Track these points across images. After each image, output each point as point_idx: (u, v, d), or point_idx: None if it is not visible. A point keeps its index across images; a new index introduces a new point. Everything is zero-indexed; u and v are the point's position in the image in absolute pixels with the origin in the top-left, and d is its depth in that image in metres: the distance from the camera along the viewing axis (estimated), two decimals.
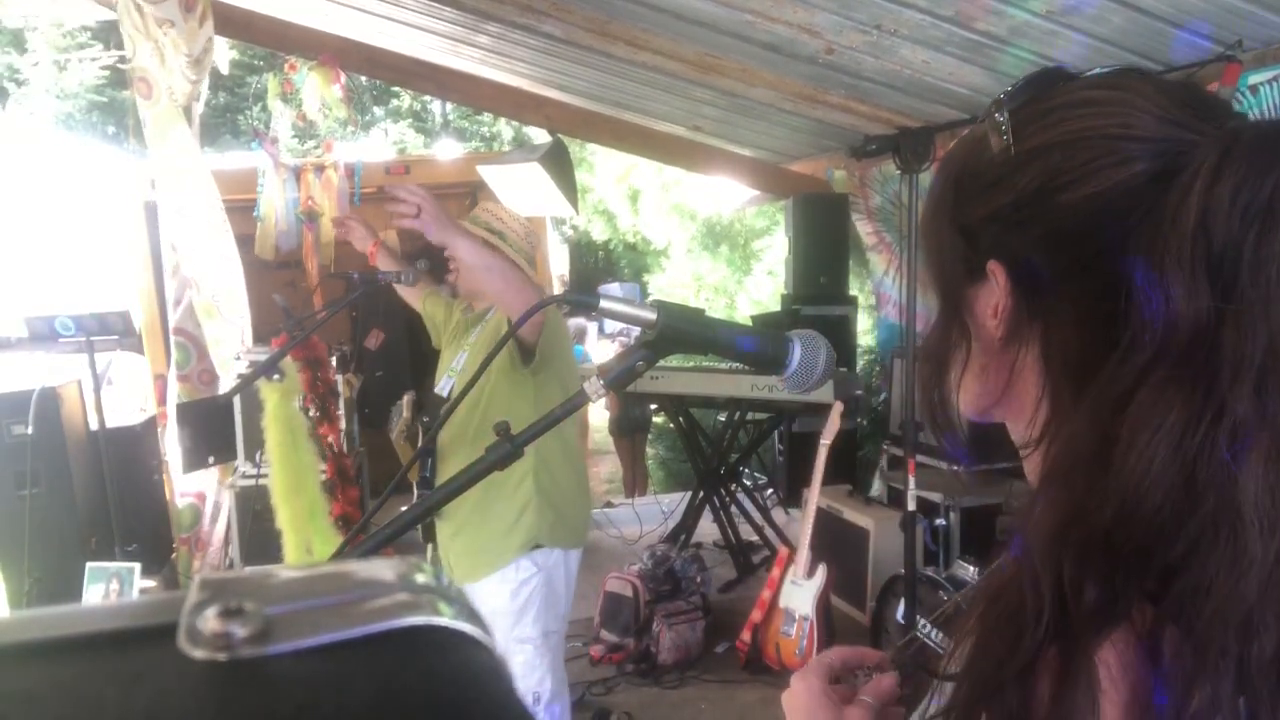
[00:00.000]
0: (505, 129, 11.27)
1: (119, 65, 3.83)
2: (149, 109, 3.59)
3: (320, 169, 4.85)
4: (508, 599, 2.46)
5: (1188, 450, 0.49)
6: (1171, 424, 0.50)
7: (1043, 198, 0.59)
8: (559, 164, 4.92)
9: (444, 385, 2.60)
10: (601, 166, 9.11)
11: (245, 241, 6.24)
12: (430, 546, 2.63)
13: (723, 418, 5.23)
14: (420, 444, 2.12)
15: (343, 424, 4.22)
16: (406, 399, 2.77)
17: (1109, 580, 0.50)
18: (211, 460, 3.79)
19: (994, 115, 0.62)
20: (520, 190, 4.94)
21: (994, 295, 0.62)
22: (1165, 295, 0.51)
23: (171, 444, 4.03)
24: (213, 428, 3.76)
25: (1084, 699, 0.49)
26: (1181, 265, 0.50)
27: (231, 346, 3.78)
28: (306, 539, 2.56)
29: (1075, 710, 0.49)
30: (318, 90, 4.45)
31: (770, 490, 5.90)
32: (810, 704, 0.74)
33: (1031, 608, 0.51)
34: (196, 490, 3.98)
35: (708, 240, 8.80)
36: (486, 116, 12.07)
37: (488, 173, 5.16)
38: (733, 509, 5.07)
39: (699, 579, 4.33)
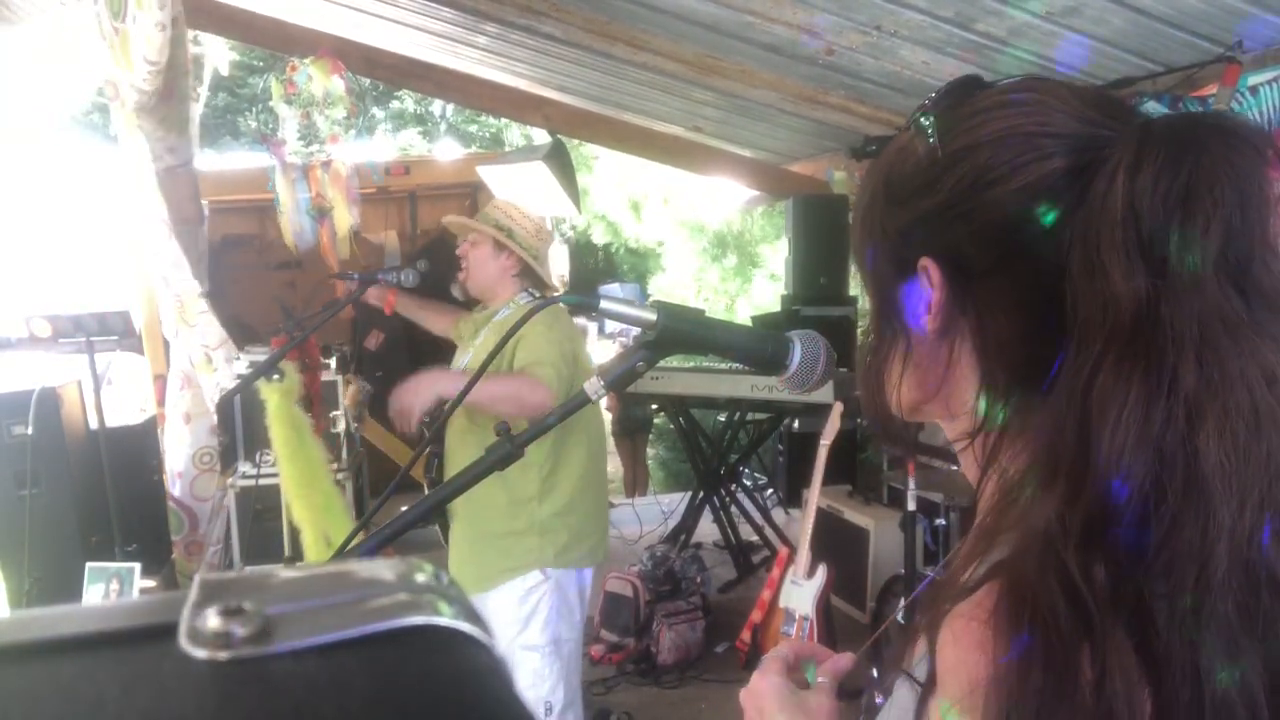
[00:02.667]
0: (516, 136, 11.25)
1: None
2: (115, 110, 3.62)
3: (327, 164, 4.85)
4: (514, 605, 2.41)
5: (1152, 425, 0.52)
6: (1133, 403, 0.53)
7: (971, 194, 0.62)
8: (560, 164, 4.92)
9: None
10: (602, 173, 9.08)
11: (246, 241, 6.25)
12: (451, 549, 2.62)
13: (723, 418, 5.23)
14: (420, 444, 2.13)
15: (341, 425, 4.22)
16: (350, 389, 2.76)
17: (1114, 562, 0.52)
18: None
19: (919, 120, 0.65)
20: (521, 191, 4.94)
21: (924, 293, 0.65)
22: (1105, 278, 0.54)
23: (172, 446, 4.03)
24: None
25: (1125, 686, 0.50)
26: (1115, 249, 0.54)
27: (198, 353, 3.79)
28: (324, 532, 2.54)
29: (1119, 699, 0.50)
30: (320, 82, 4.45)
31: (770, 490, 5.90)
32: (776, 699, 0.76)
33: (1064, 603, 0.52)
34: (174, 494, 3.98)
35: (716, 250, 8.76)
36: (493, 119, 12.06)
37: (487, 174, 5.17)
38: (733, 509, 5.07)
39: (699, 579, 4.33)
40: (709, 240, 8.79)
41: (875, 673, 3.09)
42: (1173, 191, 0.53)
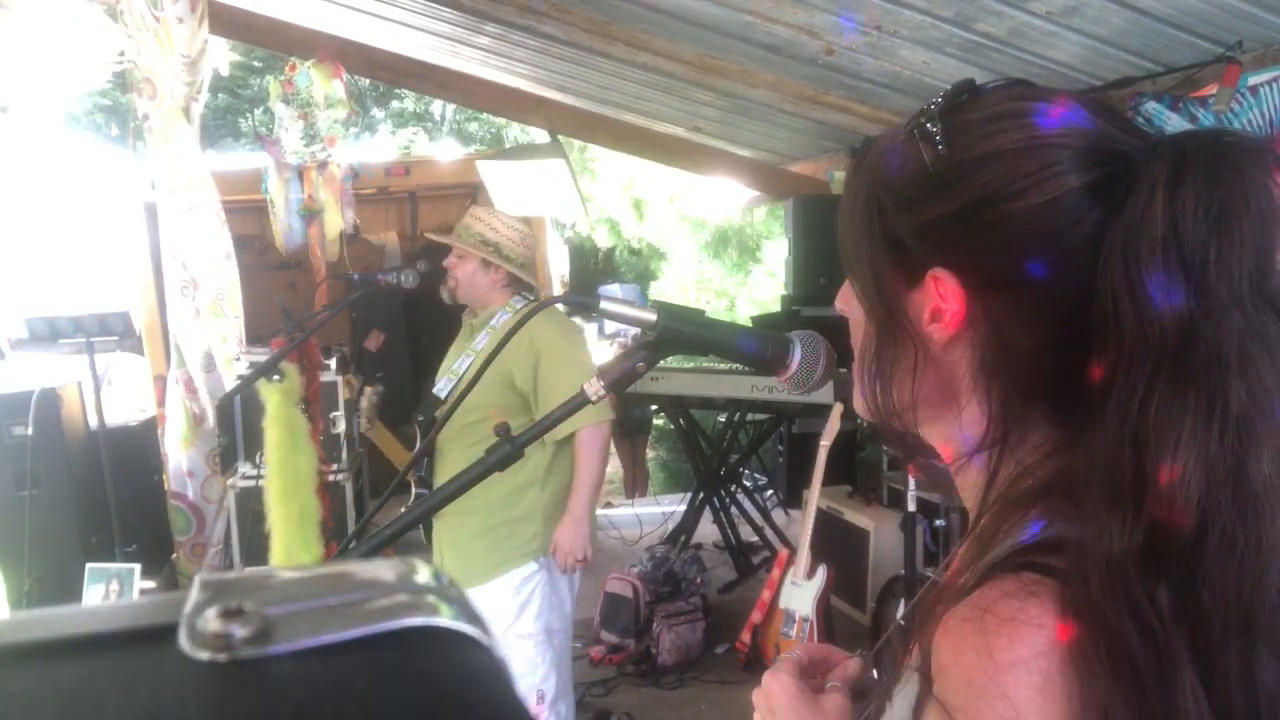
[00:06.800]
0: (517, 135, 11.23)
1: (121, 64, 3.83)
2: (154, 109, 3.59)
3: (323, 165, 4.85)
4: (509, 595, 2.46)
5: (1208, 446, 0.53)
6: (1189, 426, 0.53)
7: (988, 206, 0.61)
8: (567, 164, 4.94)
9: (443, 386, 2.60)
10: (605, 175, 9.07)
11: (246, 242, 6.27)
12: (435, 548, 2.63)
13: (723, 419, 5.23)
14: (418, 446, 2.14)
15: (341, 425, 4.22)
16: (367, 391, 2.80)
17: (1174, 583, 0.53)
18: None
19: (925, 126, 0.64)
20: (523, 189, 4.94)
21: (931, 301, 0.64)
22: (1147, 297, 0.54)
23: (172, 446, 4.03)
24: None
25: (1195, 707, 0.51)
26: (1156, 269, 0.54)
27: (233, 346, 3.80)
28: (294, 544, 2.55)
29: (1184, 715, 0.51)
30: (320, 86, 4.46)
31: (770, 491, 5.90)
32: (788, 700, 0.75)
33: (1134, 629, 0.52)
34: (186, 496, 3.99)
35: (719, 247, 8.75)
36: (494, 118, 12.03)
37: (487, 170, 5.15)
38: (733, 510, 5.06)
39: (699, 580, 4.33)
40: (710, 235, 8.78)
41: (875, 674, 3.09)
42: (1212, 209, 0.54)
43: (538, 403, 2.47)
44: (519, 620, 2.46)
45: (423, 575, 0.26)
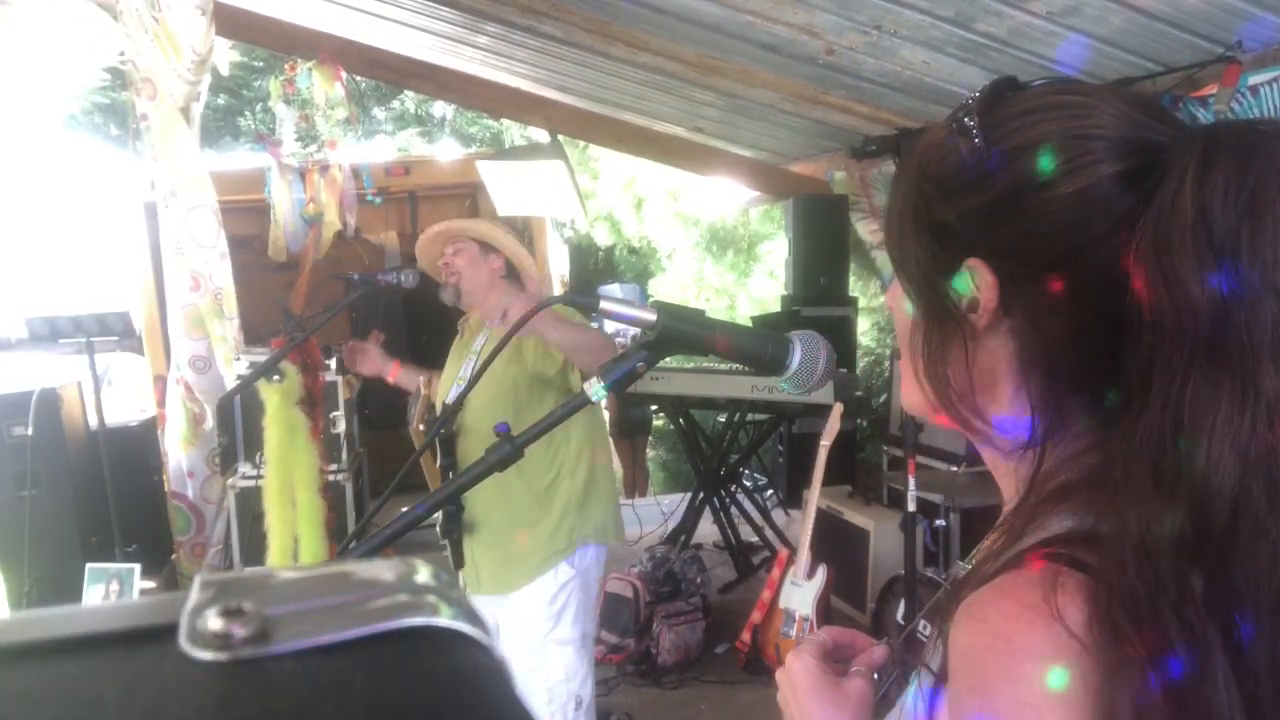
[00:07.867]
0: (517, 136, 11.20)
1: (120, 65, 3.83)
2: (154, 110, 3.59)
3: (325, 168, 4.86)
4: (545, 603, 2.43)
5: (1241, 435, 0.53)
6: (1224, 413, 0.54)
7: (1022, 196, 0.62)
8: (568, 165, 4.94)
9: (454, 395, 2.59)
10: (606, 173, 9.10)
11: (247, 242, 6.28)
12: (459, 571, 2.55)
13: (723, 419, 5.23)
14: (418, 448, 2.12)
15: (341, 425, 4.23)
16: (423, 379, 2.79)
17: (1207, 570, 0.53)
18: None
19: (963, 120, 0.65)
20: (523, 190, 4.94)
21: (971, 291, 0.65)
22: (1179, 284, 0.54)
23: (172, 446, 4.03)
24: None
25: (1226, 694, 0.52)
26: (1187, 254, 0.54)
27: (231, 345, 3.80)
28: (293, 545, 2.55)
29: (1222, 706, 0.52)
30: (321, 88, 4.46)
31: (770, 491, 5.90)
32: (810, 681, 0.76)
33: (1171, 616, 0.53)
34: (186, 496, 3.99)
35: (712, 245, 8.79)
36: (493, 119, 12.01)
37: (487, 171, 5.15)
38: (733, 510, 5.06)
39: (699, 580, 4.33)
40: (703, 234, 8.82)
41: (880, 674, 3.09)
42: (1242, 195, 0.54)
43: (554, 360, 2.40)
44: (558, 627, 2.44)
45: (423, 575, 0.26)
